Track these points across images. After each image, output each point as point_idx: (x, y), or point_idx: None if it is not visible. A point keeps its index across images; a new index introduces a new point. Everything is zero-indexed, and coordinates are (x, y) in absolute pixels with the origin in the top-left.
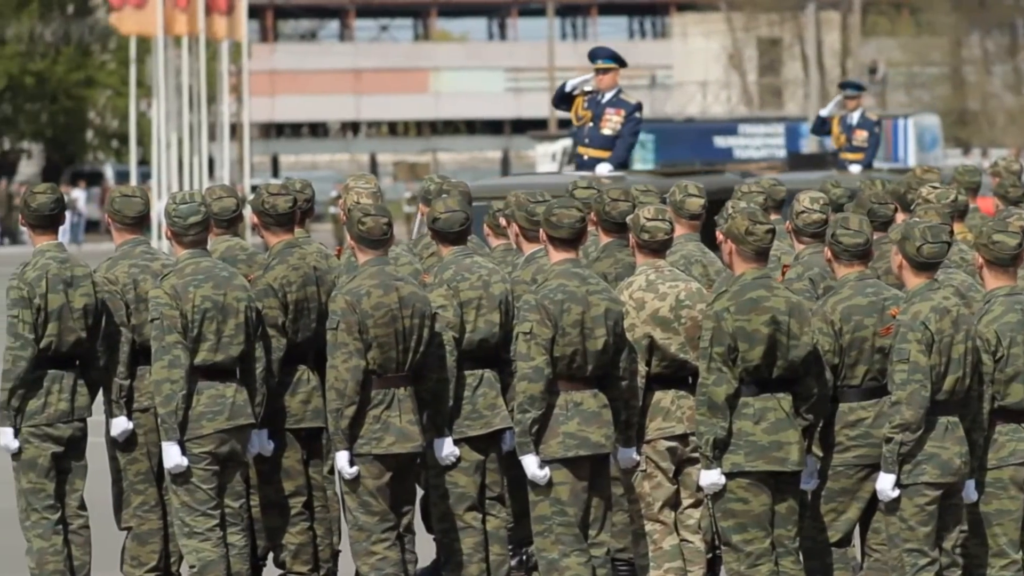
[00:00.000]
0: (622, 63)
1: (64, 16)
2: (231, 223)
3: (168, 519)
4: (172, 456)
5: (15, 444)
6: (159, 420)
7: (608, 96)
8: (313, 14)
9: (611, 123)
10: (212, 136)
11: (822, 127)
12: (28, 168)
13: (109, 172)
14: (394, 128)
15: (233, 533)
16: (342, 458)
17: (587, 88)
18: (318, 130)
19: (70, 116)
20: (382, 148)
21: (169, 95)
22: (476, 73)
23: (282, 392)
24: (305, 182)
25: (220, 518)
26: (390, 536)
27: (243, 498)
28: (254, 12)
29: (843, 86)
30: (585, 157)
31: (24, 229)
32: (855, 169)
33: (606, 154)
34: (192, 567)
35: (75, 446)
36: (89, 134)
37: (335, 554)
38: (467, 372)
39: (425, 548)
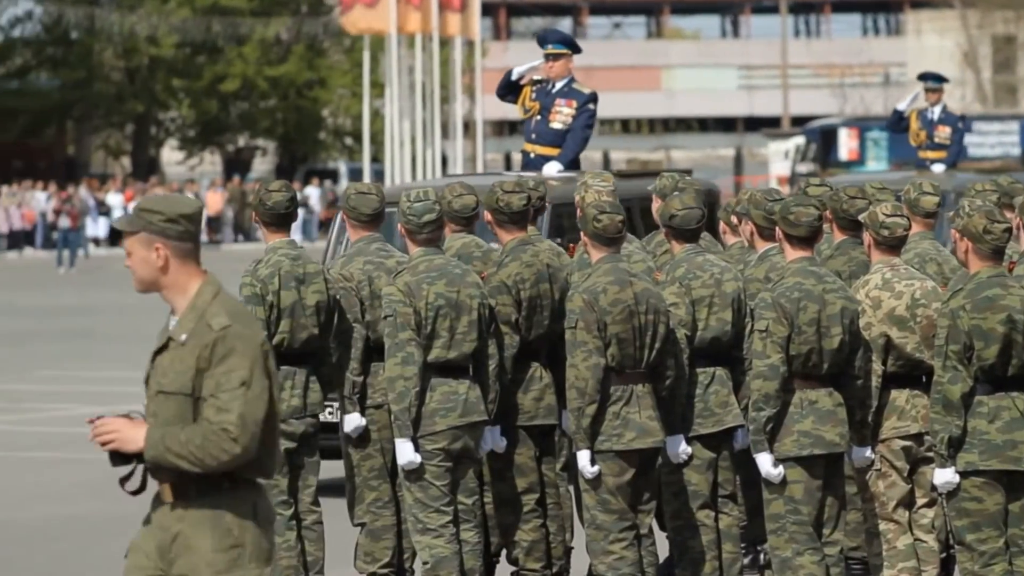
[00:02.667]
0: (575, 48)
1: (298, 15)
2: (469, 220)
3: (401, 515)
4: (405, 453)
5: None
6: (393, 417)
7: (559, 85)
8: (547, 12)
9: (561, 116)
10: (445, 134)
11: (899, 123)
12: (262, 165)
13: (343, 170)
14: (627, 125)
15: (466, 530)
16: (584, 457)
17: (537, 77)
18: None
19: (303, 115)
20: (615, 145)
21: (402, 93)
22: (709, 71)
23: (515, 389)
24: (539, 180)
25: (453, 515)
26: (628, 535)
27: (476, 495)
28: (487, 10)
29: (923, 78)
30: (532, 155)
31: (257, 226)
32: (938, 168)
33: (556, 151)
34: (425, 563)
35: (307, 442)
36: (322, 132)
37: (567, 551)
38: (699, 370)
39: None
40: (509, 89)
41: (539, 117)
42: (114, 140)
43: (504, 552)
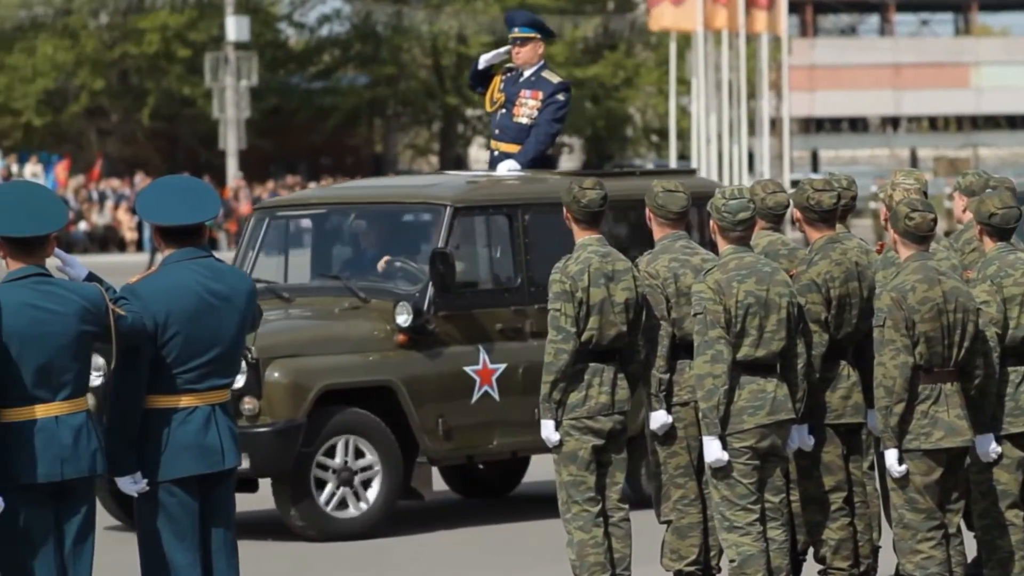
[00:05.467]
0: (547, 33)
1: (604, 14)
2: (779, 218)
3: (708, 513)
4: (713, 451)
5: (556, 436)
6: (700, 414)
7: (527, 74)
8: (853, 8)
9: (526, 108)
10: (752, 131)
11: None
12: (569, 163)
13: (649, 168)
14: (934, 123)
15: (773, 528)
16: (891, 456)
17: (509, 65)
18: (857, 125)
19: (611, 112)
20: (922, 143)
21: (708, 90)
22: (1018, 68)
23: (823, 387)
24: (850, 179)
25: (760, 513)
26: (936, 535)
27: (783, 493)
28: (794, 7)
29: None
30: (495, 152)
31: (567, 222)
32: None
33: (517, 148)
34: (732, 561)
35: (615, 439)
36: (629, 129)
37: (875, 550)
38: (1009, 368)
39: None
40: (478, 79)
41: (504, 110)
42: (421, 138)
43: (811, 550)
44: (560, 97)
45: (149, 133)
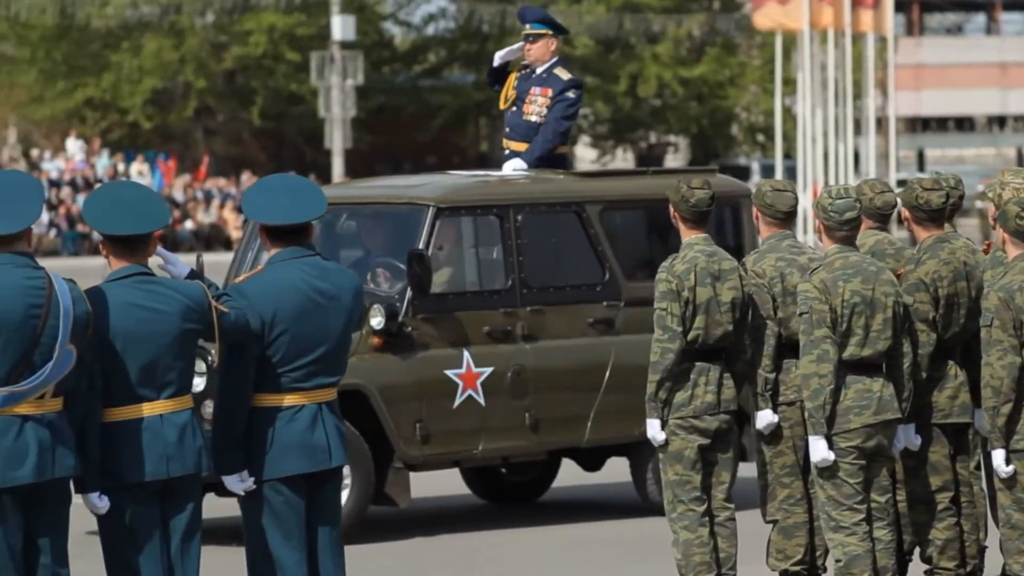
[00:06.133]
0: (559, 29)
1: (711, 12)
2: (886, 218)
3: (813, 512)
4: (819, 450)
5: (662, 436)
6: (806, 414)
7: (539, 71)
8: (959, 7)
9: (535, 106)
10: (857, 130)
11: None
12: (673, 161)
13: (755, 167)
14: None
15: (879, 528)
16: (998, 456)
17: (525, 62)
18: (964, 124)
19: (716, 111)
20: None
21: (814, 89)
22: None
23: (930, 387)
24: (957, 178)
25: (866, 512)
26: None
27: (889, 492)
28: (900, 6)
29: None
30: (507, 151)
31: (673, 222)
32: None
33: (527, 147)
34: (838, 561)
35: (721, 438)
36: (734, 128)
37: (981, 550)
38: None
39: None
40: (495, 76)
41: (515, 108)
42: None
43: (917, 550)
44: (570, 95)
45: (256, 132)
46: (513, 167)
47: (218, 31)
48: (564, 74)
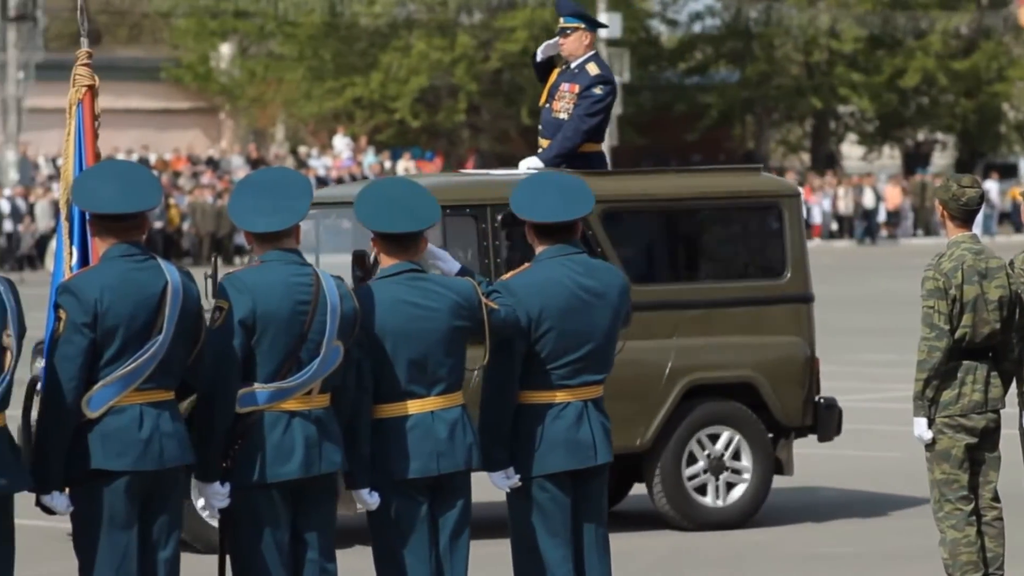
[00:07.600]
0: (594, 24)
1: (980, 8)
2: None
3: None
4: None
5: (928, 435)
6: None
7: (573, 66)
8: None
9: (563, 102)
10: None
11: None
12: (941, 160)
13: (1022, 164)
14: None
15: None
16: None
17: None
18: None
19: (984, 109)
20: None
21: None
22: None
23: None
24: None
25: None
26: None
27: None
28: None
29: None
30: (540, 149)
31: (941, 220)
32: None
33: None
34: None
35: (989, 437)
36: (1002, 126)
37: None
38: None
39: None
40: (540, 71)
41: (546, 104)
42: (793, 135)
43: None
44: (597, 91)
45: (523, 130)
46: (528, 166)
47: (484, 29)
48: (594, 69)
